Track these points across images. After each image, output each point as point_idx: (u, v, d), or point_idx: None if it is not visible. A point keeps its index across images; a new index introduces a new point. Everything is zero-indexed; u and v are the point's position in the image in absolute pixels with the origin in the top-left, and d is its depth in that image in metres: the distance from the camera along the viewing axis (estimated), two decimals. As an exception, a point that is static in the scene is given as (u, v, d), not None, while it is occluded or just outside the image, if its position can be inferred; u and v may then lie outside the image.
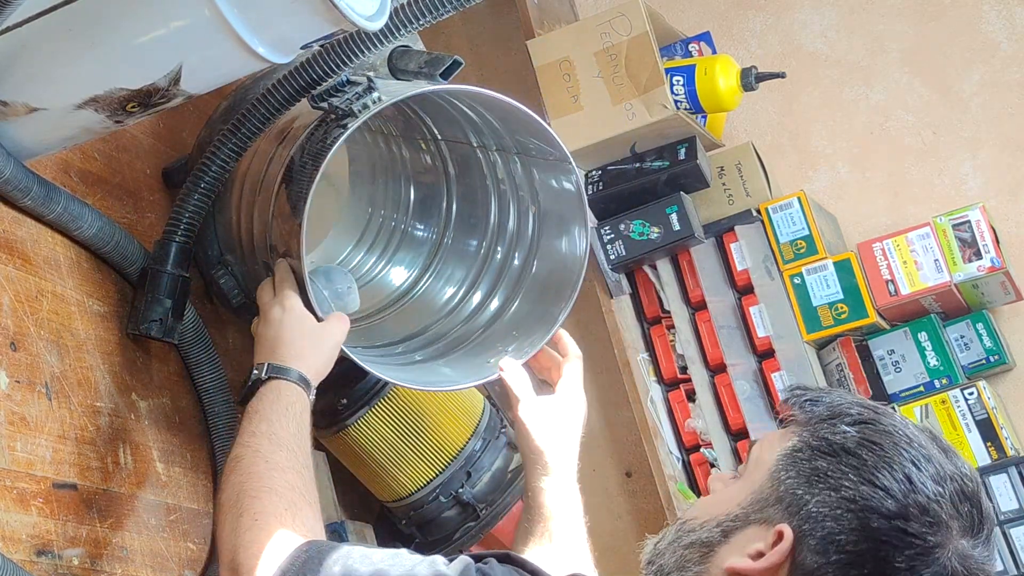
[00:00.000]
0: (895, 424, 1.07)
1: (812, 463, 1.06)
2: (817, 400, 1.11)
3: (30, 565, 1.22)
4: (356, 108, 1.37)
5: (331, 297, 1.44)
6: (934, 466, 1.04)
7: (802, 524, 1.04)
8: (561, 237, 1.58)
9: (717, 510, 1.11)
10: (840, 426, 1.07)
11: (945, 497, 1.03)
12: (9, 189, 1.32)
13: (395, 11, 1.32)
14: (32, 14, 1.20)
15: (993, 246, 2.43)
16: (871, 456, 1.04)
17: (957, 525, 1.03)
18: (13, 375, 1.29)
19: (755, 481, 1.09)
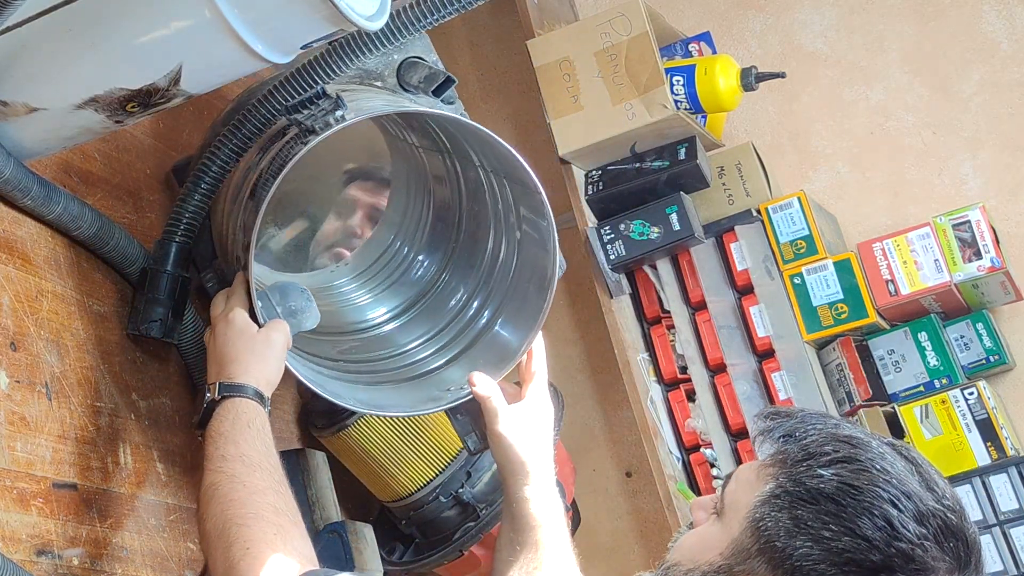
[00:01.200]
0: (872, 459, 1.04)
1: (792, 512, 1.03)
2: (791, 436, 1.08)
3: (30, 565, 1.22)
4: (319, 125, 1.35)
5: (284, 314, 1.42)
6: (915, 504, 1.01)
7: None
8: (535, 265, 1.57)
9: (700, 557, 1.09)
10: (816, 469, 1.04)
11: (929, 539, 1.01)
12: (9, 189, 1.32)
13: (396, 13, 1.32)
14: (32, 14, 1.20)
15: (993, 246, 2.43)
16: (851, 501, 1.01)
17: (944, 566, 1.01)
18: (13, 375, 1.29)
19: (733, 529, 1.07)
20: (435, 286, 1.70)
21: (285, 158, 1.37)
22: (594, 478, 2.85)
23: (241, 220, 1.42)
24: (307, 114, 1.37)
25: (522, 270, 1.60)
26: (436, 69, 1.55)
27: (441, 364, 1.63)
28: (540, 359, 1.50)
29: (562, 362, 2.94)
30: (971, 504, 2.34)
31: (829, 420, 1.10)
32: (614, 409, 2.87)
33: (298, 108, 1.39)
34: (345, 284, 1.75)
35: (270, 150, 1.43)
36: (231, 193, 1.49)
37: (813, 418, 1.10)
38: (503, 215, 1.61)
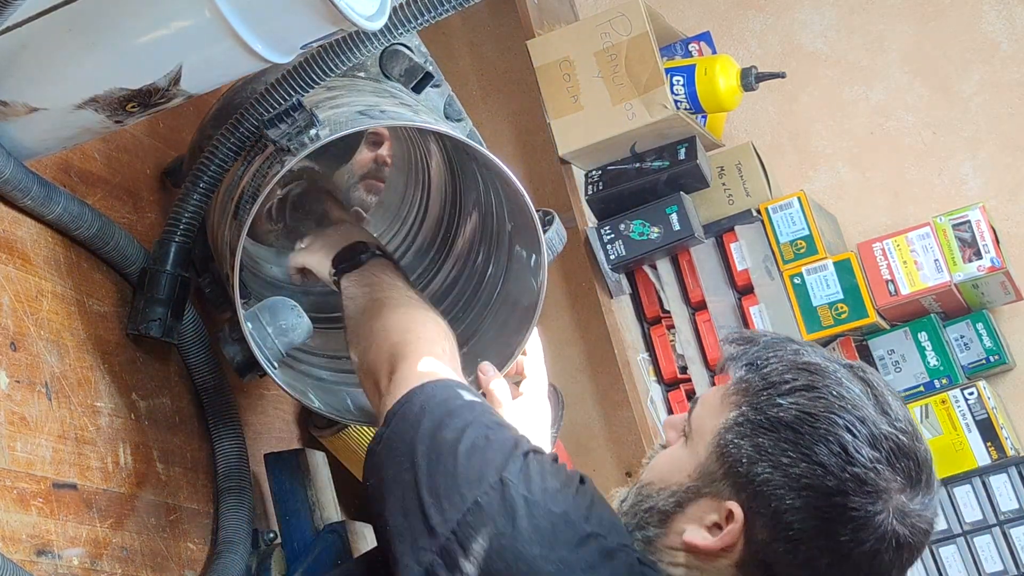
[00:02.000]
0: (829, 385, 1.09)
1: (753, 439, 1.09)
2: (753, 365, 1.13)
3: (30, 565, 1.22)
4: (294, 145, 1.34)
5: (275, 333, 1.42)
6: (868, 428, 1.07)
7: (750, 501, 1.08)
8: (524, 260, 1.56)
9: (670, 478, 1.15)
10: (776, 398, 1.09)
11: (882, 461, 1.06)
12: (9, 189, 1.32)
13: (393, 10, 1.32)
14: (32, 14, 1.20)
15: (993, 246, 2.43)
16: (808, 429, 1.07)
17: (896, 485, 1.07)
18: (13, 375, 1.29)
19: (700, 453, 1.13)
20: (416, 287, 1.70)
21: (263, 177, 1.36)
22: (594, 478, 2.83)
23: (228, 237, 1.42)
24: (282, 131, 1.35)
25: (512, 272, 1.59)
26: (416, 62, 1.53)
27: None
28: (537, 358, 1.50)
29: (562, 362, 2.94)
30: (971, 504, 2.34)
31: (790, 346, 1.14)
32: (614, 409, 2.87)
33: (274, 123, 1.37)
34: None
35: (252, 163, 1.42)
36: (220, 199, 1.49)
37: (775, 345, 1.14)
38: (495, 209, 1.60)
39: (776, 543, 1.07)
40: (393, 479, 1.13)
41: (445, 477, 1.10)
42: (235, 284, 1.36)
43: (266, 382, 1.78)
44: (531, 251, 1.51)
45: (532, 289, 1.51)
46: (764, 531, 1.07)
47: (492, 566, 1.05)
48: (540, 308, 1.49)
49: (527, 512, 1.07)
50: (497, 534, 1.06)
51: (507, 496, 1.08)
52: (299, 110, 1.36)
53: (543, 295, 1.48)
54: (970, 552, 2.33)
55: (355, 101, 1.45)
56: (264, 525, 1.66)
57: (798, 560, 1.07)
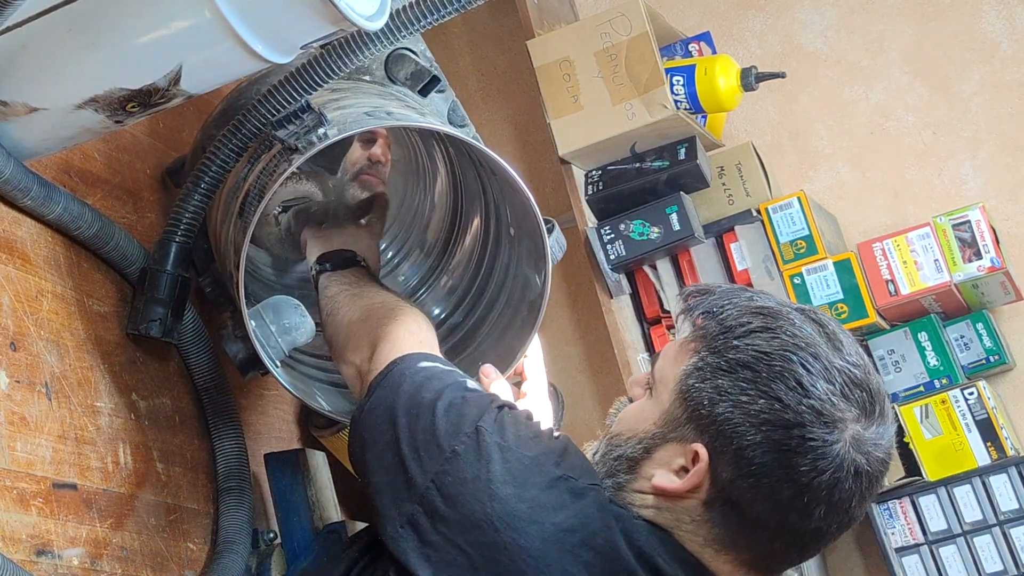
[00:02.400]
0: (782, 325, 1.13)
1: (714, 381, 1.13)
2: (709, 312, 1.17)
3: (30, 565, 1.22)
4: (301, 144, 1.35)
5: (278, 331, 1.43)
6: (822, 363, 1.11)
7: (713, 441, 1.12)
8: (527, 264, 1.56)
9: (637, 427, 1.19)
10: (732, 340, 1.14)
11: (836, 393, 1.10)
12: (9, 189, 1.32)
13: (395, 13, 1.32)
14: (32, 14, 1.20)
15: (993, 246, 2.42)
16: (764, 367, 1.11)
17: (851, 415, 1.11)
18: (13, 375, 1.29)
19: (664, 400, 1.17)
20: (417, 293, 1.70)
21: (270, 175, 1.36)
22: (594, 478, 2.85)
23: (232, 235, 1.42)
24: (290, 131, 1.36)
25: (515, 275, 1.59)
26: (421, 66, 1.53)
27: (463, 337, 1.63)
28: (537, 360, 1.51)
29: (562, 362, 2.94)
30: (971, 504, 2.34)
31: (744, 294, 1.19)
32: (614, 409, 2.87)
33: (282, 123, 1.37)
34: None
35: (258, 162, 1.42)
36: (224, 199, 1.49)
37: (730, 293, 1.19)
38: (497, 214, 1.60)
39: (740, 479, 1.11)
40: (374, 441, 1.18)
41: (424, 432, 1.15)
42: (240, 281, 1.36)
43: (266, 382, 1.78)
44: (534, 255, 1.51)
45: (535, 293, 1.51)
46: (728, 469, 1.11)
47: (469, 508, 1.10)
48: (543, 311, 1.49)
49: (501, 457, 1.12)
50: (473, 478, 1.11)
51: (482, 443, 1.13)
52: (307, 111, 1.37)
53: (546, 299, 1.49)
54: (970, 552, 2.33)
55: (361, 103, 1.46)
56: (264, 525, 1.66)
57: (761, 494, 1.10)
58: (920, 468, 2.36)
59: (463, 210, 1.69)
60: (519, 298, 1.56)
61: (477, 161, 1.57)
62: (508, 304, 1.59)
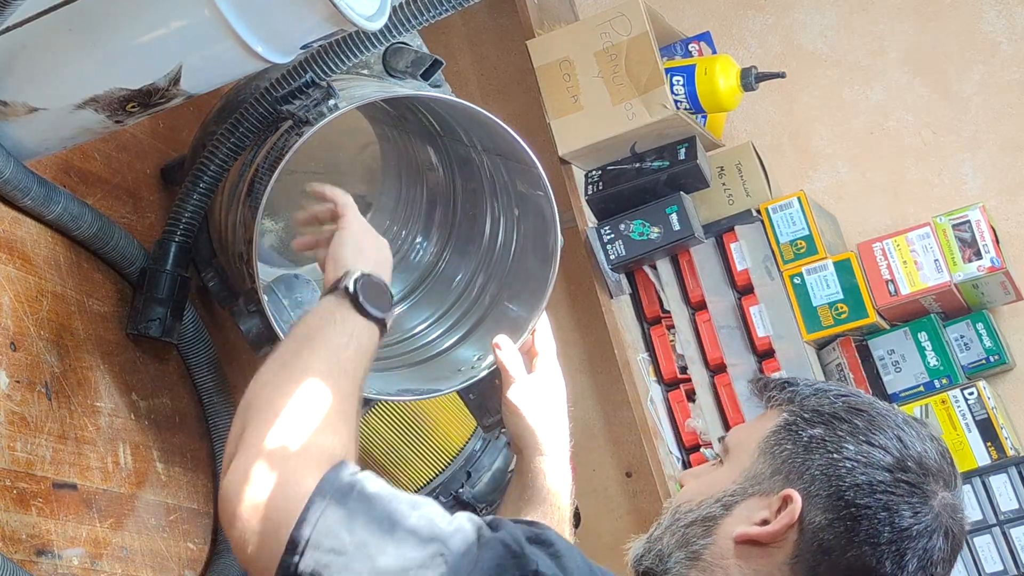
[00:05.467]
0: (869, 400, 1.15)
1: (809, 431, 1.12)
2: (794, 381, 1.18)
3: (30, 565, 1.22)
4: (312, 116, 1.35)
5: (291, 306, 1.43)
6: (915, 430, 1.13)
7: (808, 486, 1.10)
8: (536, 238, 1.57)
9: (710, 491, 1.15)
10: (825, 400, 1.14)
11: (930, 454, 1.11)
12: (9, 189, 1.32)
13: (393, 11, 1.32)
14: (32, 14, 1.20)
15: (993, 246, 2.43)
16: (863, 421, 1.12)
17: (941, 479, 1.11)
18: (13, 375, 1.29)
19: (743, 461, 1.14)
20: (436, 267, 1.70)
21: (281, 151, 1.37)
22: (594, 478, 2.85)
23: (240, 216, 1.42)
24: (299, 104, 1.36)
25: (524, 244, 1.60)
26: (423, 53, 1.54)
27: (451, 344, 1.62)
28: (546, 335, 1.50)
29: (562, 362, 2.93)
30: (971, 504, 2.34)
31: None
32: (614, 409, 2.87)
33: (288, 99, 1.38)
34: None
35: (265, 144, 1.42)
36: (228, 190, 1.49)
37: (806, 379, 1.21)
38: (499, 193, 1.61)
39: (836, 523, 1.08)
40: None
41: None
42: (254, 256, 1.35)
43: (266, 382, 1.77)
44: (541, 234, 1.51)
45: (542, 270, 1.52)
46: (823, 514, 1.09)
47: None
48: (551, 286, 1.50)
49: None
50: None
51: None
52: (314, 86, 1.37)
53: (555, 272, 1.49)
54: (970, 552, 2.33)
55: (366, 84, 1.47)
56: (264, 525, 1.65)
57: (859, 538, 1.08)
58: (920, 468, 2.36)
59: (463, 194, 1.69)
60: (527, 275, 1.57)
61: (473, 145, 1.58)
62: (516, 281, 1.59)
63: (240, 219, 1.42)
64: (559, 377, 1.46)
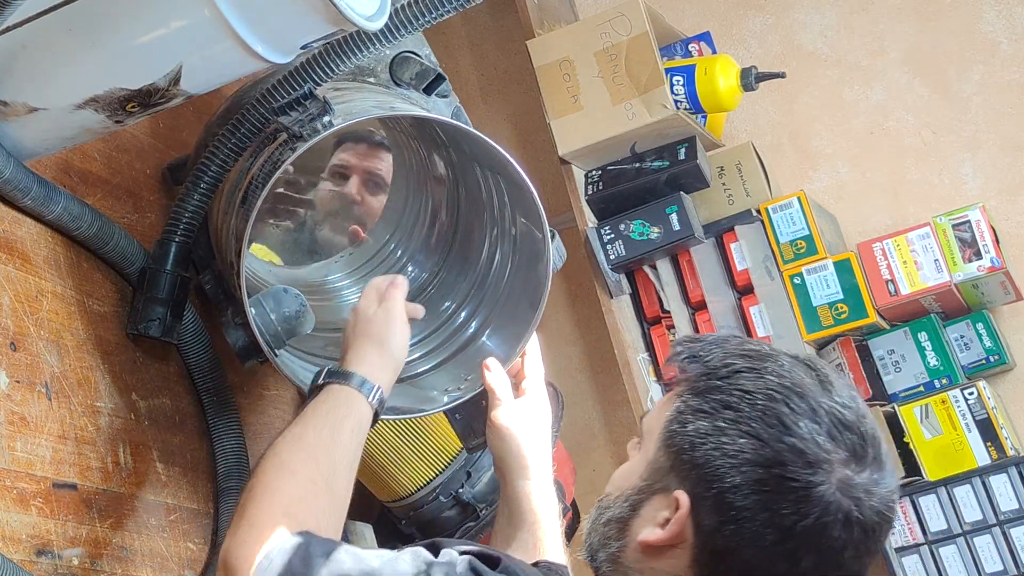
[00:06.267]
0: (767, 367, 1.08)
1: (695, 424, 1.07)
2: (695, 356, 1.12)
3: (30, 565, 1.22)
4: (306, 131, 1.34)
5: (278, 320, 1.42)
6: (808, 403, 1.05)
7: (695, 487, 1.06)
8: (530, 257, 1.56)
9: (625, 484, 1.13)
10: (716, 382, 1.08)
11: (822, 433, 1.04)
12: (9, 189, 1.32)
13: (394, 12, 1.32)
14: (32, 14, 1.20)
15: (993, 246, 2.43)
16: (747, 407, 1.06)
17: (838, 457, 1.04)
18: (13, 375, 1.29)
19: (649, 451, 1.11)
20: (426, 290, 1.70)
21: (274, 164, 1.36)
22: (594, 478, 2.85)
23: (234, 225, 1.42)
24: (294, 118, 1.35)
25: (514, 282, 1.59)
26: (427, 66, 1.54)
27: (426, 369, 1.62)
28: (535, 358, 1.50)
29: (562, 362, 2.94)
30: (971, 504, 2.35)
31: (735, 339, 1.14)
32: (614, 409, 2.87)
33: (285, 110, 1.37)
34: (339, 280, 1.75)
35: (261, 154, 1.42)
36: (226, 194, 1.49)
37: (720, 339, 1.14)
38: (499, 219, 1.61)
39: (724, 526, 1.04)
40: None
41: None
42: (241, 268, 1.36)
43: (266, 381, 1.77)
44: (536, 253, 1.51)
45: (534, 291, 1.51)
46: (711, 515, 1.05)
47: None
48: (541, 310, 1.49)
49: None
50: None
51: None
52: (311, 98, 1.36)
53: (545, 297, 1.48)
54: (970, 552, 2.33)
55: (367, 98, 1.46)
56: (264, 525, 1.66)
57: (744, 540, 1.04)
58: (920, 468, 2.36)
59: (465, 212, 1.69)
60: (519, 296, 1.56)
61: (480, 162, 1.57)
62: (508, 302, 1.59)
63: (233, 228, 1.42)
64: (546, 401, 1.45)
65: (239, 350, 1.44)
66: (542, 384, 1.47)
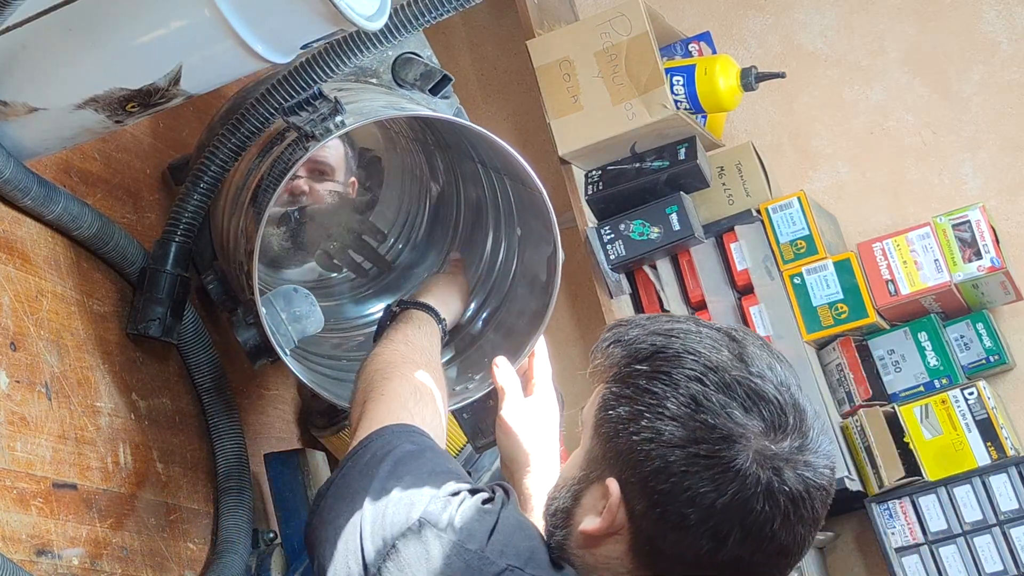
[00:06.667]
0: (685, 343, 1.07)
1: (617, 410, 1.07)
2: (618, 341, 1.11)
3: (30, 565, 1.22)
4: (319, 131, 1.34)
5: (288, 320, 1.43)
6: (720, 375, 1.04)
7: (622, 473, 1.06)
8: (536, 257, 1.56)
9: (568, 475, 1.14)
10: (635, 365, 1.08)
11: (734, 405, 1.03)
12: (9, 189, 1.32)
13: (394, 11, 1.32)
14: (32, 14, 1.20)
15: (993, 246, 2.43)
16: (661, 387, 1.05)
17: (754, 429, 1.02)
18: (13, 375, 1.29)
19: (585, 441, 1.12)
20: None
21: (286, 164, 1.36)
22: (594, 478, 2.85)
23: (243, 225, 1.42)
24: (305, 117, 1.35)
25: (521, 282, 1.59)
26: (432, 67, 1.54)
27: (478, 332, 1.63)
28: (544, 358, 1.51)
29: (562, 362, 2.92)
30: (971, 504, 2.34)
31: (658, 319, 1.13)
32: (614, 409, 2.87)
33: (295, 110, 1.37)
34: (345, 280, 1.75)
35: (270, 153, 1.42)
36: (231, 194, 1.49)
37: (646, 320, 1.13)
38: (504, 219, 1.60)
39: (650, 510, 1.04)
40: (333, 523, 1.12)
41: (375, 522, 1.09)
42: (253, 268, 1.36)
43: (267, 381, 1.78)
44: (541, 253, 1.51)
45: (541, 292, 1.51)
46: (639, 501, 1.05)
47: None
48: (551, 309, 1.49)
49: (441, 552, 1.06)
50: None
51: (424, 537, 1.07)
52: (321, 98, 1.36)
53: (554, 299, 1.49)
54: (970, 552, 2.33)
55: (374, 98, 1.46)
56: (264, 525, 1.66)
57: (670, 523, 1.03)
58: (920, 468, 2.36)
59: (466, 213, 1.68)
60: (526, 298, 1.56)
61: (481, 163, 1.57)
62: (516, 301, 1.59)
63: (242, 228, 1.42)
64: (554, 401, 1.46)
65: (250, 349, 1.44)
66: (551, 384, 1.48)
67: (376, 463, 1.15)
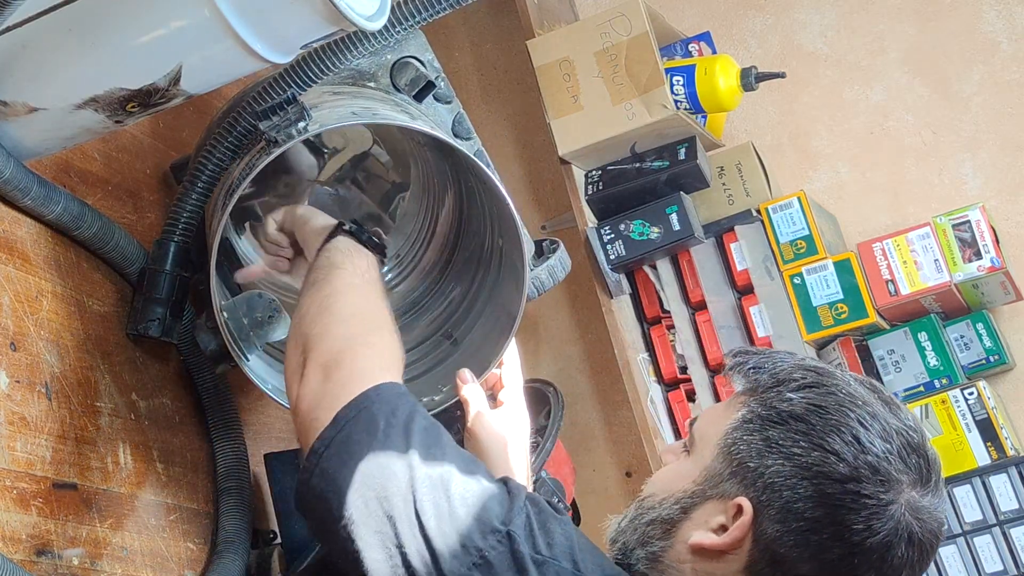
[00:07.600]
0: (838, 384, 1.10)
1: (763, 433, 1.08)
2: (760, 367, 1.13)
3: (30, 565, 1.22)
4: (281, 137, 1.34)
5: (251, 325, 1.42)
6: (880, 423, 1.07)
7: (759, 495, 1.07)
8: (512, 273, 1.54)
9: (673, 487, 1.14)
10: (786, 393, 1.10)
11: (893, 453, 1.06)
12: (9, 189, 1.32)
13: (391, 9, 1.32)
14: (32, 14, 1.20)
15: (993, 246, 2.43)
16: (819, 420, 1.07)
17: (907, 478, 1.06)
18: (13, 375, 1.29)
19: (705, 457, 1.12)
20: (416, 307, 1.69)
21: (250, 168, 1.36)
22: (594, 478, 2.85)
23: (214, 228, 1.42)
24: (272, 123, 1.35)
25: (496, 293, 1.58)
26: (421, 72, 1.53)
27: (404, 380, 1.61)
28: (514, 368, 1.49)
29: (562, 362, 2.94)
30: (971, 504, 2.34)
31: (796, 355, 1.15)
32: (614, 409, 2.87)
33: (267, 115, 1.37)
34: None
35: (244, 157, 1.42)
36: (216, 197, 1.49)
37: (782, 353, 1.16)
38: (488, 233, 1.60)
39: (787, 536, 1.05)
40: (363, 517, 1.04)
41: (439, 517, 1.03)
42: (212, 271, 1.36)
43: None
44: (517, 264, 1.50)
45: (513, 302, 1.50)
46: (774, 525, 1.06)
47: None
48: (519, 319, 1.48)
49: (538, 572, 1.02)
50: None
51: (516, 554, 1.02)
52: (292, 104, 1.36)
53: (523, 307, 1.48)
54: (970, 552, 2.33)
55: (355, 104, 1.45)
56: (264, 525, 1.66)
57: (809, 552, 1.05)
58: (920, 468, 2.36)
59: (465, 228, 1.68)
60: (500, 307, 1.56)
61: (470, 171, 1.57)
62: (491, 314, 1.58)
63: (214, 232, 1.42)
64: (524, 411, 1.44)
65: (211, 354, 1.44)
66: (520, 394, 1.46)
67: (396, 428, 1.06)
